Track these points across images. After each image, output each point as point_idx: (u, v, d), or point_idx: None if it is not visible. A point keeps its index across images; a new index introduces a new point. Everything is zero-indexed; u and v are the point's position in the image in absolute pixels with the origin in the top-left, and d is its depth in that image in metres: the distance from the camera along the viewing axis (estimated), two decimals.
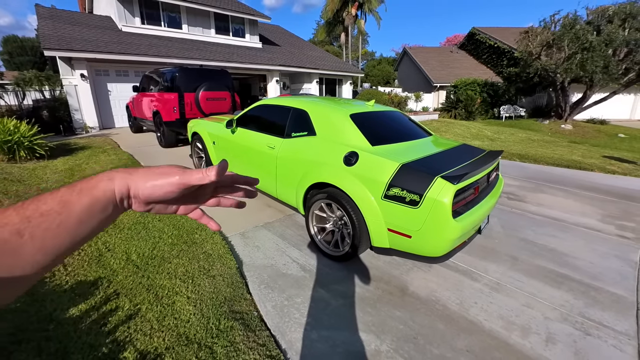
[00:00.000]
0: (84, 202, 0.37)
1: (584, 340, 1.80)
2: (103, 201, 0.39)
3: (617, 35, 11.42)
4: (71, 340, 1.68)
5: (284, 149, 2.93)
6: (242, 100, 11.62)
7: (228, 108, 7.17)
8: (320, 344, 1.74)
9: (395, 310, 2.01)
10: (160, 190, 0.43)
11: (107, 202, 0.39)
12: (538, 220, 3.43)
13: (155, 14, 11.89)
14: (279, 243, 2.84)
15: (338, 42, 32.36)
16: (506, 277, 2.39)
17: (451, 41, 36.42)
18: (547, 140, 10.45)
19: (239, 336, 1.76)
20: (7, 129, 5.24)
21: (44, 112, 9.04)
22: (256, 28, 14.95)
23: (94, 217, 0.38)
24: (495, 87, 17.91)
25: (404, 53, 25.22)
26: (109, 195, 0.40)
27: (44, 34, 9.06)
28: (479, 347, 1.73)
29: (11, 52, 27.71)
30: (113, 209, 0.40)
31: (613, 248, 2.86)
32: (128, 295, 2.06)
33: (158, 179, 0.43)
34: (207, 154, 4.38)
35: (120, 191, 0.41)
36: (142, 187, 0.42)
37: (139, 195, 0.42)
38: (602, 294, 2.21)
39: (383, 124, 3.00)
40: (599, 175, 5.51)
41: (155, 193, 0.43)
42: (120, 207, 0.42)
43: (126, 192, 0.41)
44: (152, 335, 1.74)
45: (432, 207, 1.89)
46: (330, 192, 2.42)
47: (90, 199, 0.38)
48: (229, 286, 2.20)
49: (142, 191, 0.42)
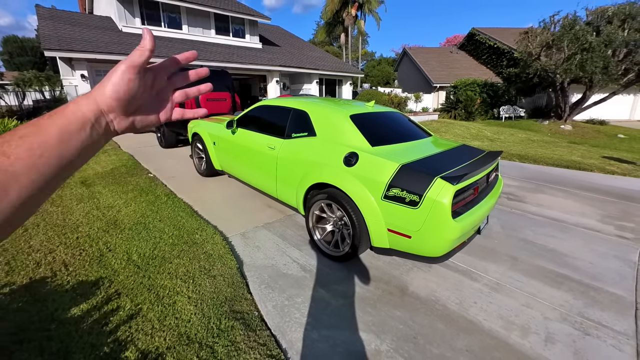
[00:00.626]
0: (57, 122, 0.38)
1: (583, 340, 1.81)
2: (75, 121, 0.39)
3: (616, 36, 11.44)
4: (73, 340, 1.68)
5: (284, 149, 2.94)
6: (242, 101, 11.65)
7: (228, 109, 7.18)
8: (321, 344, 1.75)
9: (395, 310, 2.02)
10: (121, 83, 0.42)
11: (80, 122, 0.39)
12: (537, 221, 3.44)
13: (155, 15, 11.91)
14: (279, 243, 2.85)
15: (338, 43, 32.40)
16: (506, 277, 2.40)
17: (451, 42, 36.47)
18: (546, 141, 10.47)
19: (240, 336, 1.77)
20: (7, 129, 5.26)
21: (44, 113, 9.06)
22: (256, 28, 14.97)
23: (72, 136, 0.38)
24: (495, 87, 17.93)
25: (404, 53, 25.25)
26: (79, 114, 0.40)
27: (44, 34, 9.08)
28: (478, 347, 1.74)
29: (11, 53, 27.76)
30: (90, 129, 0.40)
31: (612, 248, 2.87)
32: (129, 295, 2.06)
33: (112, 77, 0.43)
34: (207, 154, 4.39)
35: (90, 108, 0.41)
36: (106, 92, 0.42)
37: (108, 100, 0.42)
38: (602, 294, 2.22)
39: (383, 124, 3.01)
40: (599, 175, 5.52)
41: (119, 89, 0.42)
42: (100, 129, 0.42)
43: (96, 108, 0.41)
44: (153, 335, 1.74)
45: (431, 208, 1.90)
46: (331, 193, 2.43)
47: (62, 119, 0.38)
48: (229, 286, 2.20)
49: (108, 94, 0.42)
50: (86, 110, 0.40)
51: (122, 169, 5.06)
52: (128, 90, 0.43)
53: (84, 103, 0.41)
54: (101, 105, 0.42)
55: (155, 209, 3.47)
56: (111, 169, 5.02)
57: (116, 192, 3.99)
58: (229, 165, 4.04)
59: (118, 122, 0.44)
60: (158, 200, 3.74)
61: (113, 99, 0.42)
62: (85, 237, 2.83)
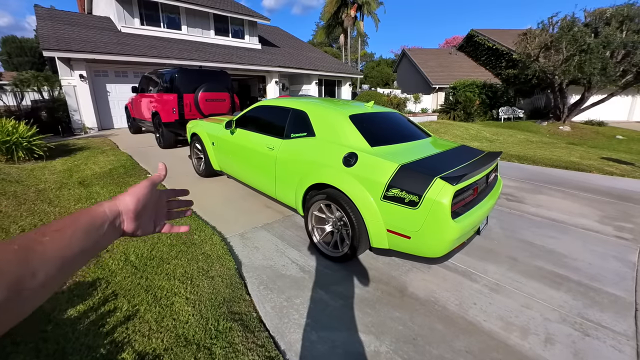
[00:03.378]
0: (86, 219, 0.47)
1: (582, 341, 1.80)
2: (98, 219, 0.49)
3: (614, 37, 11.50)
4: (69, 342, 1.67)
5: (283, 149, 2.93)
6: (241, 101, 11.64)
7: (227, 109, 7.17)
8: (320, 345, 1.74)
9: (394, 311, 2.01)
10: (141, 193, 0.56)
11: (101, 221, 0.49)
12: (537, 222, 3.44)
13: (154, 15, 11.90)
14: (278, 244, 2.84)
15: (337, 44, 32.43)
16: (505, 278, 2.39)
17: (450, 43, 36.56)
18: (545, 142, 10.49)
19: (238, 337, 1.75)
20: (5, 129, 5.23)
21: (42, 113, 9.02)
22: (255, 29, 14.98)
23: (94, 232, 0.47)
24: (494, 88, 17.98)
25: (403, 55, 25.31)
26: (101, 214, 0.50)
27: (43, 34, 9.06)
28: (478, 348, 1.73)
29: (10, 53, 27.67)
30: (108, 226, 0.50)
31: (611, 249, 2.87)
32: (126, 296, 2.05)
33: (135, 188, 0.56)
34: (206, 154, 4.38)
35: (111, 209, 0.52)
36: (126, 198, 0.55)
37: (128, 206, 0.54)
38: (601, 295, 2.22)
39: (382, 125, 3.00)
40: (597, 176, 5.53)
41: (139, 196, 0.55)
42: (115, 227, 0.52)
43: (116, 209, 0.52)
44: (150, 336, 1.73)
45: (431, 208, 1.89)
46: (330, 193, 2.42)
47: (89, 218, 0.48)
48: (228, 287, 2.19)
49: (129, 199, 0.54)
50: (108, 211, 0.51)
51: (120, 169, 5.05)
52: (144, 198, 0.57)
53: (107, 205, 0.52)
54: (120, 207, 0.53)
55: None
56: (109, 170, 5.01)
57: (114, 193, 3.97)
58: (228, 165, 4.03)
59: (127, 224, 0.54)
60: None
61: (132, 203, 0.54)
62: None
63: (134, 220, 0.55)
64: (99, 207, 0.51)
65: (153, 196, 0.59)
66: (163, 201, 0.65)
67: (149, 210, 0.59)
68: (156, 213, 0.63)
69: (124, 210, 0.53)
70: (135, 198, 0.55)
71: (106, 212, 0.51)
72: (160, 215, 0.64)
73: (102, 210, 0.50)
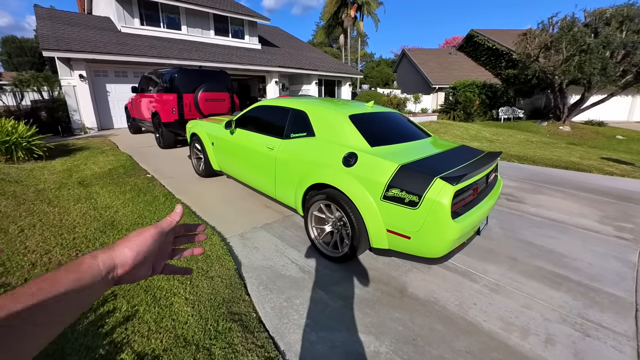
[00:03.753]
0: (71, 278, 0.41)
1: (583, 341, 1.80)
2: (86, 276, 0.42)
3: (614, 37, 11.50)
4: (68, 342, 1.66)
5: (283, 149, 2.93)
6: (241, 101, 11.64)
7: (227, 109, 7.16)
8: (320, 346, 1.73)
9: (394, 312, 2.00)
10: (144, 245, 0.49)
11: (91, 278, 0.43)
12: (537, 222, 3.44)
13: (154, 15, 11.90)
14: (277, 244, 2.83)
15: (337, 44, 32.43)
16: (505, 278, 2.39)
17: (450, 43, 36.57)
18: (545, 142, 10.49)
19: (238, 338, 1.75)
20: (5, 129, 5.22)
21: (42, 113, 9.01)
22: (255, 29, 14.97)
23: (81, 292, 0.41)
24: (494, 88, 17.98)
25: (403, 55, 25.31)
26: (94, 269, 0.43)
27: (42, 34, 9.05)
28: (478, 348, 1.73)
29: (10, 53, 27.68)
30: (99, 282, 0.44)
31: (611, 249, 2.87)
32: (125, 297, 2.04)
33: (137, 239, 0.49)
34: (205, 155, 4.38)
35: (105, 263, 0.45)
36: (126, 252, 0.47)
37: (125, 259, 0.47)
38: (601, 295, 2.21)
39: (382, 125, 3.00)
40: (597, 176, 5.53)
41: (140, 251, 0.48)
42: (106, 280, 0.45)
43: (111, 263, 0.46)
44: (149, 337, 1.72)
45: (431, 208, 1.89)
46: (330, 193, 2.41)
47: (77, 275, 0.42)
48: (227, 287, 2.19)
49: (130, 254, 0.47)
50: (102, 265, 0.45)
51: (120, 169, 5.04)
52: (146, 251, 0.50)
53: (102, 258, 0.45)
54: (117, 261, 0.46)
55: (153, 210, 3.45)
56: (109, 170, 5.00)
57: (114, 193, 3.97)
58: (228, 165, 4.02)
59: (120, 276, 0.48)
60: (156, 200, 3.72)
61: (131, 257, 0.48)
62: (82, 238, 2.81)
63: (129, 272, 0.48)
64: (93, 260, 0.44)
65: (158, 243, 0.52)
66: (170, 240, 0.57)
67: (149, 260, 0.52)
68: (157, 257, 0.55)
69: (119, 264, 0.47)
70: (135, 252, 0.48)
71: (99, 266, 0.44)
72: (162, 257, 0.57)
73: (95, 264, 0.44)
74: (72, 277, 0.41)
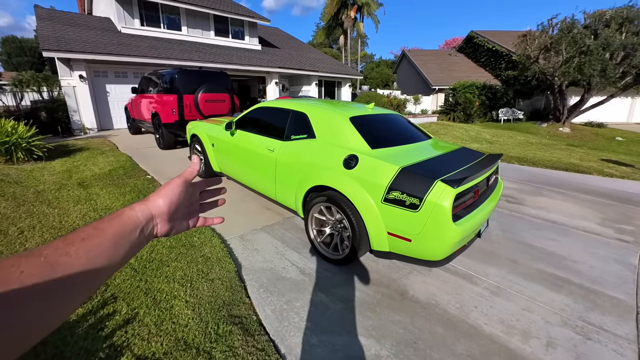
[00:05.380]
0: (115, 227, 0.43)
1: (584, 344, 1.79)
2: (130, 225, 0.45)
3: (614, 39, 11.52)
4: (68, 345, 1.66)
5: (284, 151, 2.92)
6: (241, 102, 11.63)
7: (227, 110, 7.16)
8: (320, 349, 1.73)
9: (395, 315, 2.00)
10: (173, 194, 0.52)
11: (133, 226, 0.45)
12: (537, 224, 3.44)
13: (154, 16, 11.90)
14: (278, 246, 2.83)
15: (337, 45, 32.46)
16: (506, 280, 2.38)
17: (450, 44, 36.61)
18: (545, 143, 10.50)
19: (238, 341, 1.74)
20: (4, 130, 5.22)
21: (42, 113, 9.01)
22: (255, 30, 14.98)
23: (125, 239, 0.44)
24: (494, 90, 18.01)
25: (403, 56, 25.34)
26: (133, 219, 0.46)
27: (42, 35, 9.05)
28: (479, 352, 1.72)
29: (10, 53, 27.68)
30: (139, 233, 0.46)
31: (612, 251, 2.86)
32: (126, 299, 2.04)
33: (166, 188, 0.52)
34: (206, 156, 4.37)
35: (144, 213, 0.48)
36: (159, 200, 0.51)
37: (161, 209, 0.50)
38: (602, 298, 2.21)
39: (382, 127, 2.99)
40: (597, 178, 5.53)
41: (172, 198, 0.52)
42: (147, 232, 0.48)
43: (149, 214, 0.49)
44: (150, 340, 1.72)
45: (432, 211, 1.88)
46: (330, 195, 2.41)
47: (120, 224, 0.44)
48: (227, 290, 2.18)
49: (163, 202, 0.51)
50: (140, 215, 0.47)
51: (120, 170, 5.03)
52: (178, 199, 0.53)
53: (139, 208, 0.48)
54: (153, 210, 0.49)
55: None
56: (109, 171, 4.99)
57: (114, 194, 3.96)
58: (228, 167, 4.02)
59: (161, 226, 0.51)
60: None
61: (165, 205, 0.51)
62: None
63: (168, 223, 0.51)
64: (131, 212, 0.46)
65: (186, 194, 0.55)
66: (196, 195, 0.61)
67: (183, 209, 0.56)
68: (189, 209, 0.59)
69: (157, 214, 0.49)
70: (168, 200, 0.51)
71: (139, 216, 0.47)
72: (194, 210, 0.61)
73: (135, 215, 0.46)
74: (116, 227, 0.43)
